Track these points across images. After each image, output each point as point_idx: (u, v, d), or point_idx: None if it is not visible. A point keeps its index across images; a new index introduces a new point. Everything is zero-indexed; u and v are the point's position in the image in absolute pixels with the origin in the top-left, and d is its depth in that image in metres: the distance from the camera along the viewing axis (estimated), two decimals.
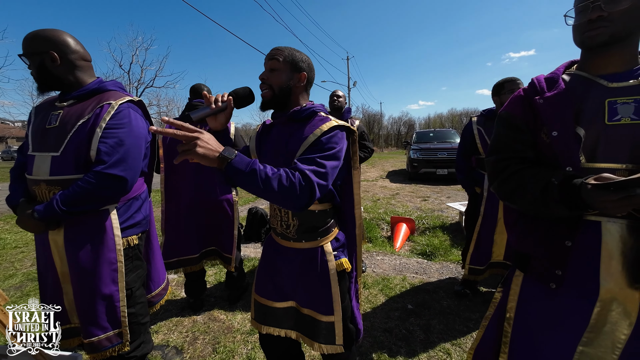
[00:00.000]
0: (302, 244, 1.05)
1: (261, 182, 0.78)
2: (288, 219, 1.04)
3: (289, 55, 0.98)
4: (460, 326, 1.91)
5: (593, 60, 0.80)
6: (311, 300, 1.05)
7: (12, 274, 2.80)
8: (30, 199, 1.18)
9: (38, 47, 1.14)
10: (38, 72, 1.16)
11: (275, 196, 0.80)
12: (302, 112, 0.99)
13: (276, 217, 1.08)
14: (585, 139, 0.74)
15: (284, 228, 1.06)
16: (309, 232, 1.04)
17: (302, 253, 1.06)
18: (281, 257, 1.09)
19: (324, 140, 0.92)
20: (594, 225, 0.73)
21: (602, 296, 0.73)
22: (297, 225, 1.04)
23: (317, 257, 1.04)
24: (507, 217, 0.95)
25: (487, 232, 2.08)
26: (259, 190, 0.79)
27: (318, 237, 1.05)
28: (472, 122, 2.19)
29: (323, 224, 1.05)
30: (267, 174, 0.79)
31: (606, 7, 0.72)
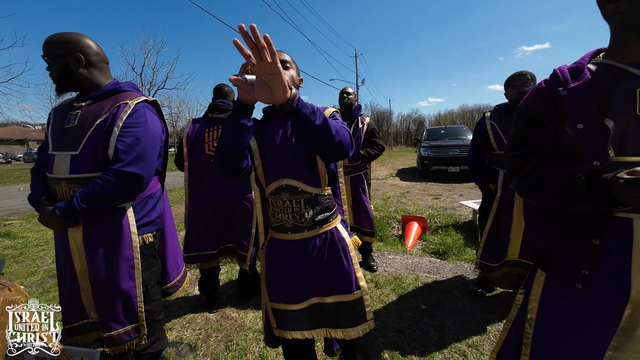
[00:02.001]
0: (317, 230, 1.07)
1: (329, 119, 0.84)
2: (301, 208, 1.05)
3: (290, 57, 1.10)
4: (476, 327, 1.86)
5: (632, 45, 0.74)
6: (335, 284, 1.07)
7: (33, 271, 2.91)
8: (51, 197, 1.22)
9: (64, 48, 1.18)
10: (62, 73, 1.19)
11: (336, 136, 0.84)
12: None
13: (286, 212, 1.06)
14: (614, 131, 0.70)
15: (297, 219, 1.06)
16: (322, 216, 1.07)
17: (319, 239, 1.08)
18: (295, 252, 1.08)
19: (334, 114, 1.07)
20: (625, 222, 0.69)
21: (633, 297, 0.68)
22: (311, 213, 1.05)
23: (333, 238, 1.08)
24: (526, 213, 0.91)
25: (501, 229, 2.03)
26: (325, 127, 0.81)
27: (331, 219, 1.09)
28: (485, 117, 2.13)
29: (332, 206, 1.11)
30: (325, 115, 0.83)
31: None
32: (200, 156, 2.01)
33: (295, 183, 1.04)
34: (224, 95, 2.13)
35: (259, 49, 0.67)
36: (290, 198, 1.04)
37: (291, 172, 1.04)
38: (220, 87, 2.14)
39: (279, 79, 0.71)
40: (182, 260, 1.76)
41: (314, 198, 1.05)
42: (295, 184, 1.04)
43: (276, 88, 0.72)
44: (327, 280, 1.07)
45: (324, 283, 1.08)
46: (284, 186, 1.05)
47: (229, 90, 2.17)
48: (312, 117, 0.78)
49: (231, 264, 2.89)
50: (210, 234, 2.08)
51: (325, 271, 1.07)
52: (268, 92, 0.75)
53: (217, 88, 2.14)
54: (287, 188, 1.04)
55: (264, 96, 0.76)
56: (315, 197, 1.05)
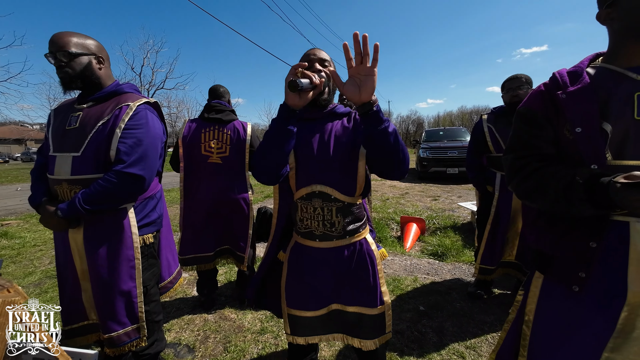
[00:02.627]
0: (346, 239, 1.04)
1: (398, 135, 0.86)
2: (332, 216, 1.01)
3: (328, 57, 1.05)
4: (475, 329, 1.87)
5: (630, 50, 0.74)
6: (359, 296, 1.05)
7: (31, 272, 2.90)
8: (52, 198, 1.22)
9: (89, 48, 1.21)
10: (85, 71, 1.20)
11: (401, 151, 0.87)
12: (339, 109, 1.07)
13: (315, 218, 1.02)
14: (612, 135, 0.70)
15: (327, 227, 1.02)
16: (353, 226, 1.04)
17: (347, 249, 1.05)
18: (321, 260, 1.05)
19: None
20: (622, 226, 0.69)
21: (629, 300, 0.69)
22: (342, 222, 1.02)
23: (362, 249, 1.06)
24: (525, 216, 0.92)
25: (499, 231, 2.04)
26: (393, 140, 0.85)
27: (360, 229, 1.06)
28: (482, 120, 2.15)
29: (363, 217, 1.08)
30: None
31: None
32: (196, 157, 2.00)
33: (328, 190, 0.99)
34: (219, 96, 2.13)
35: (362, 55, 0.77)
36: (322, 205, 1.00)
37: (326, 178, 1.00)
38: (216, 87, 2.14)
39: (372, 81, 0.80)
40: (176, 262, 1.74)
41: (346, 207, 1.01)
42: (329, 191, 0.99)
43: (366, 88, 0.80)
44: (352, 290, 1.05)
45: (348, 293, 1.05)
46: (316, 192, 1.00)
47: (224, 91, 2.16)
48: (387, 124, 0.83)
49: (230, 265, 2.88)
50: (206, 235, 2.06)
51: (350, 282, 1.05)
52: (356, 90, 0.81)
53: (213, 89, 2.14)
54: (319, 195, 1.00)
55: (351, 93, 0.82)
56: (347, 206, 1.01)
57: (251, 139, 2.07)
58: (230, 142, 2.02)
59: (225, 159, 2.02)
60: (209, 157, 2.00)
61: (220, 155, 2.01)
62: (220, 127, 2.03)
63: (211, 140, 2.00)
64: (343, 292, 1.06)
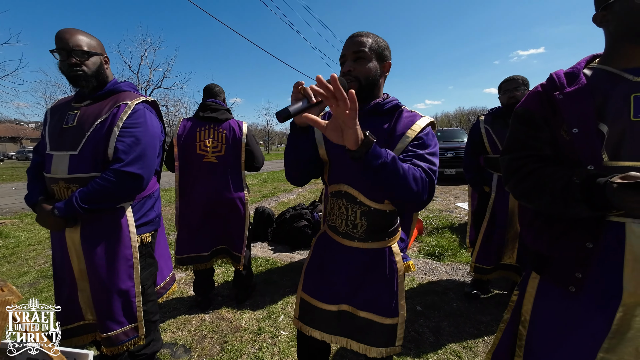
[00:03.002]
0: (368, 244, 0.99)
1: (401, 175, 0.74)
2: (355, 218, 0.97)
3: (374, 42, 0.90)
4: (471, 329, 1.87)
5: (626, 51, 0.75)
6: (372, 302, 0.99)
7: (25, 271, 2.87)
8: (48, 197, 1.21)
9: (101, 49, 1.23)
10: (99, 70, 1.22)
11: (407, 191, 0.76)
12: (385, 105, 0.94)
13: (341, 217, 1.00)
14: (608, 136, 0.71)
15: (350, 228, 0.99)
16: (377, 232, 0.98)
17: (367, 253, 0.99)
18: (341, 256, 1.02)
19: (424, 136, 0.89)
20: (618, 227, 0.70)
21: (625, 300, 0.70)
22: (365, 225, 0.97)
23: (384, 258, 0.99)
24: (522, 216, 0.92)
25: (496, 232, 2.05)
26: (394, 181, 0.74)
27: (386, 237, 0.99)
28: (479, 121, 2.16)
29: (392, 225, 1.00)
30: (404, 166, 0.75)
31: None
32: (191, 156, 1.98)
33: (354, 192, 0.95)
34: (214, 94, 2.12)
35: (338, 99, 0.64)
36: (347, 206, 0.97)
37: (353, 179, 0.95)
38: (211, 86, 2.13)
39: (352, 132, 0.67)
40: (169, 267, 1.72)
41: (372, 212, 0.95)
42: (355, 194, 0.95)
43: (347, 139, 0.69)
44: (367, 295, 1.00)
45: (363, 297, 1.00)
46: (342, 192, 0.97)
47: (219, 90, 2.15)
48: (379, 167, 0.71)
49: (227, 265, 2.88)
50: (202, 235, 2.05)
51: (368, 287, 1.00)
52: (339, 134, 0.69)
53: (208, 87, 2.13)
54: (345, 195, 0.97)
55: (334, 137, 0.70)
56: (374, 211, 0.95)
57: (247, 138, 2.07)
58: (226, 141, 2.02)
59: (220, 158, 2.01)
60: (205, 156, 1.99)
61: (216, 154, 2.00)
62: (215, 126, 2.02)
63: (206, 139, 1.99)
64: (358, 296, 1.01)
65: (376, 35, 0.92)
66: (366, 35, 0.90)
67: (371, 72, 0.90)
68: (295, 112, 0.70)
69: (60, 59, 1.16)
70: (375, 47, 0.90)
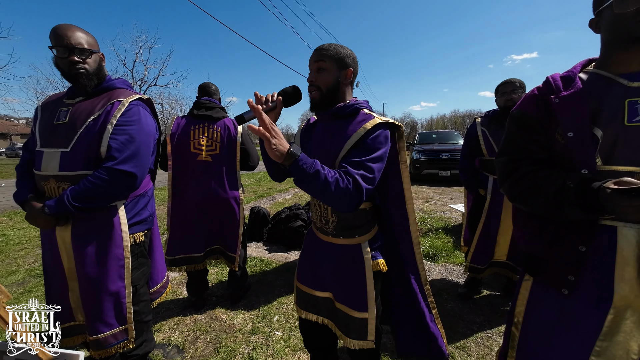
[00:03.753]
0: (340, 240, 1.06)
1: (321, 184, 0.81)
2: (327, 214, 1.06)
3: (334, 53, 0.97)
4: (464, 329, 1.89)
5: (618, 57, 0.76)
6: (345, 296, 1.06)
7: (14, 270, 2.81)
8: (38, 195, 1.18)
9: (96, 45, 1.23)
10: (99, 67, 1.22)
11: (328, 198, 0.84)
12: (345, 109, 0.99)
13: (316, 212, 1.11)
14: (602, 140, 0.71)
15: (323, 223, 1.08)
16: (347, 229, 1.04)
17: (340, 249, 1.06)
18: (320, 250, 1.12)
19: (369, 141, 0.91)
20: (610, 230, 0.71)
21: (615, 303, 0.71)
22: (335, 222, 1.05)
23: (354, 255, 1.05)
24: (516, 218, 0.93)
25: (490, 232, 2.08)
26: (316, 191, 0.83)
27: (356, 234, 1.05)
28: (476, 123, 2.17)
29: (362, 222, 1.05)
30: (327, 177, 0.82)
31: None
32: (185, 154, 1.95)
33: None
34: (210, 94, 2.10)
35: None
36: (320, 203, 1.06)
37: None
38: (207, 85, 2.10)
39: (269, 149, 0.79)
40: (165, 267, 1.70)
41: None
42: None
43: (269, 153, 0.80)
44: (340, 289, 1.07)
45: (337, 290, 1.08)
46: None
47: (215, 90, 2.13)
48: (302, 181, 0.82)
49: (221, 265, 2.85)
50: (196, 235, 2.02)
51: (340, 280, 1.07)
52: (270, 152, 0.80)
53: (204, 86, 2.10)
54: None
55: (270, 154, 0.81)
56: None
57: (242, 137, 2.05)
58: (220, 140, 1.99)
59: (215, 157, 1.99)
60: (199, 154, 1.96)
61: (210, 153, 1.98)
62: (210, 124, 1.99)
63: (201, 138, 1.96)
64: (334, 286, 1.09)
65: (340, 45, 1.00)
66: (327, 48, 0.98)
67: (331, 81, 0.98)
68: (250, 117, 0.85)
69: (59, 56, 1.14)
70: (335, 57, 0.97)
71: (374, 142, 0.91)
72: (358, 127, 0.93)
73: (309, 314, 1.17)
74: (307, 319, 1.19)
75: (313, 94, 0.98)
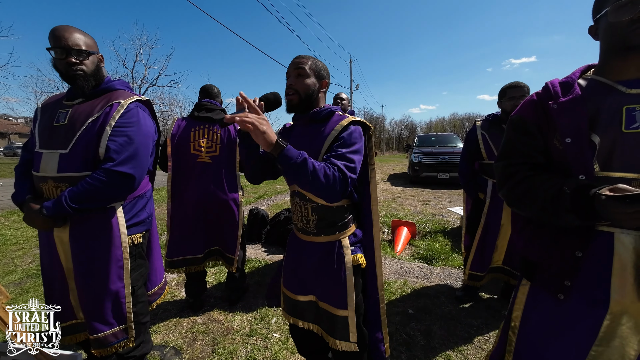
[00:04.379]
0: (321, 237, 1.10)
1: (310, 172, 0.86)
2: (308, 214, 1.10)
3: (313, 63, 1.06)
4: (462, 332, 1.89)
5: (615, 64, 0.76)
6: (327, 293, 1.09)
7: (11, 270, 2.79)
8: (37, 196, 1.18)
9: (96, 47, 1.22)
10: (96, 69, 1.22)
11: (317, 186, 0.88)
12: (321, 113, 1.07)
13: (297, 214, 1.14)
14: (600, 146, 0.72)
15: (304, 223, 1.12)
16: (327, 226, 1.09)
17: (321, 247, 1.10)
18: (303, 251, 1.15)
19: (346, 136, 0.99)
20: (606, 236, 0.71)
21: (612, 309, 0.71)
22: (316, 220, 1.09)
23: (334, 250, 1.08)
24: (515, 222, 0.93)
25: (488, 237, 2.07)
26: (304, 180, 0.87)
27: (336, 231, 1.09)
28: (476, 126, 2.16)
29: (341, 219, 1.09)
30: (315, 165, 0.87)
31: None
32: (185, 156, 1.96)
33: (303, 191, 1.07)
34: (212, 96, 2.10)
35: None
36: (300, 203, 1.11)
37: None
38: (209, 87, 2.11)
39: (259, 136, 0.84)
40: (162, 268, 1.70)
41: (321, 208, 1.07)
42: (304, 192, 1.08)
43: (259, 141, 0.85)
44: (323, 287, 1.10)
45: (320, 289, 1.11)
46: (296, 191, 1.12)
47: (218, 93, 2.14)
48: (291, 169, 0.86)
49: (220, 266, 2.85)
50: (195, 237, 2.02)
51: (322, 279, 1.09)
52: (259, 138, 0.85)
53: (206, 88, 2.11)
54: (298, 194, 1.11)
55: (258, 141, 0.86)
56: (322, 206, 1.07)
57: None
58: (220, 142, 2.00)
59: (215, 159, 1.99)
60: (198, 156, 1.96)
61: (210, 154, 1.98)
62: (210, 126, 2.00)
63: (201, 139, 1.97)
64: (317, 287, 1.11)
65: (316, 59, 1.09)
66: (307, 58, 1.07)
67: (309, 87, 1.05)
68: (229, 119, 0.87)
69: (57, 57, 1.14)
70: (314, 67, 1.06)
71: (350, 137, 0.98)
72: (335, 125, 1.01)
73: (296, 320, 1.19)
74: (295, 324, 1.21)
75: (291, 96, 1.04)
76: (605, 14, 0.74)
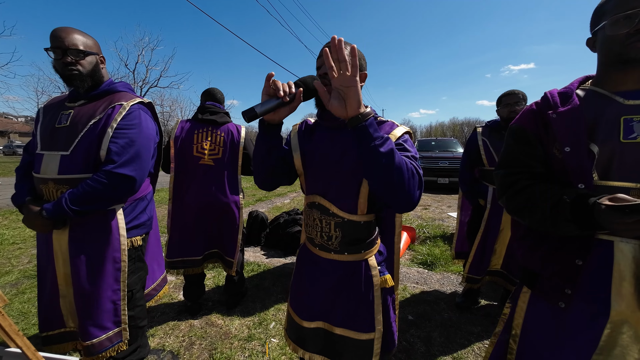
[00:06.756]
0: (344, 256, 0.95)
1: (397, 158, 0.71)
2: (330, 230, 0.95)
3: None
4: (462, 339, 1.88)
5: (613, 76, 0.78)
6: (348, 318, 0.96)
7: (8, 271, 2.78)
8: (37, 198, 1.18)
9: (97, 48, 1.22)
10: (95, 69, 1.21)
11: (399, 178, 0.72)
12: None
13: (315, 228, 0.98)
14: (598, 156, 0.73)
15: (325, 240, 0.97)
16: (352, 244, 0.95)
17: (342, 266, 0.96)
18: (318, 269, 1.00)
19: (404, 142, 0.88)
20: (606, 245, 0.71)
21: (612, 318, 0.71)
22: (340, 237, 0.94)
23: (360, 271, 0.95)
24: (515, 230, 0.94)
25: (488, 242, 2.08)
26: (388, 169, 0.71)
27: (362, 249, 0.95)
28: (476, 132, 2.16)
29: (368, 236, 0.96)
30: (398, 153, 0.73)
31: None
32: (187, 158, 1.96)
33: (326, 203, 0.93)
34: (216, 100, 2.11)
35: (340, 61, 0.68)
36: (321, 217, 0.95)
37: (325, 190, 0.94)
38: (214, 91, 2.12)
39: (354, 92, 0.70)
40: (162, 268, 1.69)
41: (346, 223, 0.93)
42: (327, 205, 0.93)
43: (350, 101, 0.71)
44: (344, 311, 0.97)
45: (339, 313, 0.98)
46: (316, 203, 0.96)
47: (222, 97, 2.15)
48: (377, 142, 0.70)
49: (218, 270, 2.83)
50: (195, 238, 2.02)
51: (343, 301, 0.97)
52: (342, 103, 0.72)
53: (211, 92, 2.11)
54: (318, 206, 0.95)
55: (336, 108, 0.72)
56: (348, 222, 0.92)
57: (245, 142, 2.06)
58: (223, 145, 2.01)
59: (217, 161, 2.00)
60: (201, 158, 1.97)
61: (213, 157, 1.99)
62: (214, 128, 2.01)
63: (204, 142, 1.98)
64: (335, 312, 0.98)
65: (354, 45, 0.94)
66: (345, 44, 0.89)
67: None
68: (263, 112, 0.72)
69: (55, 57, 1.14)
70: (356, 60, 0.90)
71: (407, 145, 0.88)
72: (391, 131, 0.90)
73: (296, 347, 1.05)
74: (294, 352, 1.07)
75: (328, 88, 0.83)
76: (603, 27, 0.76)
